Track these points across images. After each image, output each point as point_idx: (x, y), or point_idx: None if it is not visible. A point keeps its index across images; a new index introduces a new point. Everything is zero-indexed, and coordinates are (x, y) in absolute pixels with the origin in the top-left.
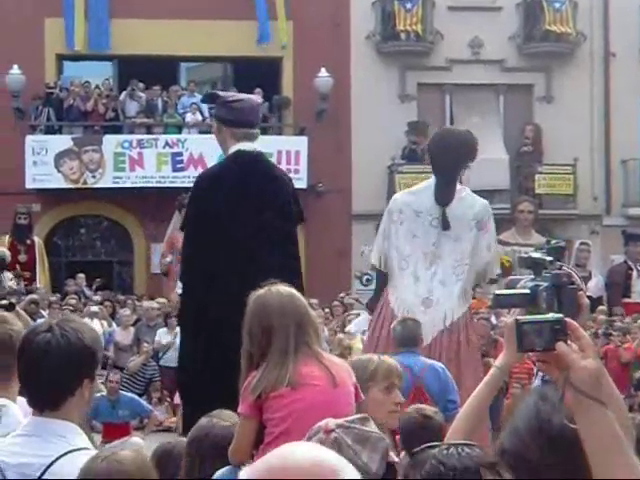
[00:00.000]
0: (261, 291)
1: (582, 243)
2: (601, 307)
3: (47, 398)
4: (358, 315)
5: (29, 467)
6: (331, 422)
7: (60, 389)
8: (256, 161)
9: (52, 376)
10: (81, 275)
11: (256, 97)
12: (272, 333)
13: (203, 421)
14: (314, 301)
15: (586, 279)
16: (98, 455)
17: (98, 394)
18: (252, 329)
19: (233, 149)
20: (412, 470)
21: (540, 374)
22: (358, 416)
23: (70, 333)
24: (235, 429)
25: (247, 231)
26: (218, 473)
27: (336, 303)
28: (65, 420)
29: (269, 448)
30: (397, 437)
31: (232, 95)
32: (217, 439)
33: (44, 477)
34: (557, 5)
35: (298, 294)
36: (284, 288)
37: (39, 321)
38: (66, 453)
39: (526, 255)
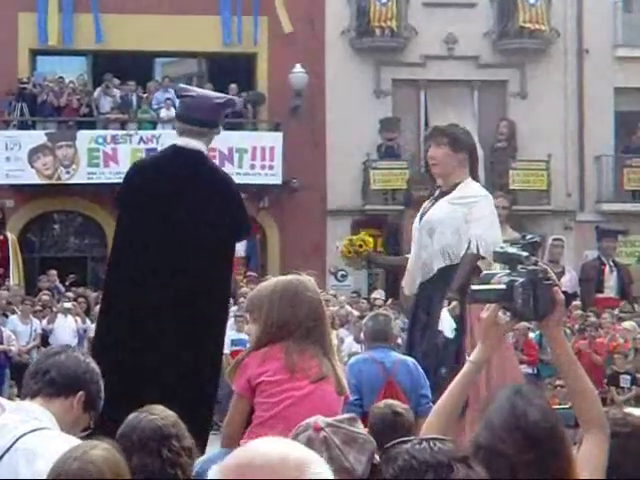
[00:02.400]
0: (292, 278)
1: (555, 239)
2: (575, 303)
3: (43, 385)
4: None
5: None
6: (320, 420)
7: (57, 384)
8: (194, 158)
9: (59, 368)
10: (53, 271)
11: (216, 96)
12: (295, 320)
13: (132, 417)
14: None
15: (559, 275)
16: (70, 454)
17: None
18: (289, 312)
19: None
20: (384, 465)
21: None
22: (347, 416)
23: (87, 357)
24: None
25: (192, 224)
26: (210, 454)
27: None
28: (47, 410)
29: (256, 431)
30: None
31: (187, 89)
32: (143, 433)
33: (15, 445)
34: (531, 2)
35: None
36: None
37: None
38: (35, 430)
39: (502, 250)
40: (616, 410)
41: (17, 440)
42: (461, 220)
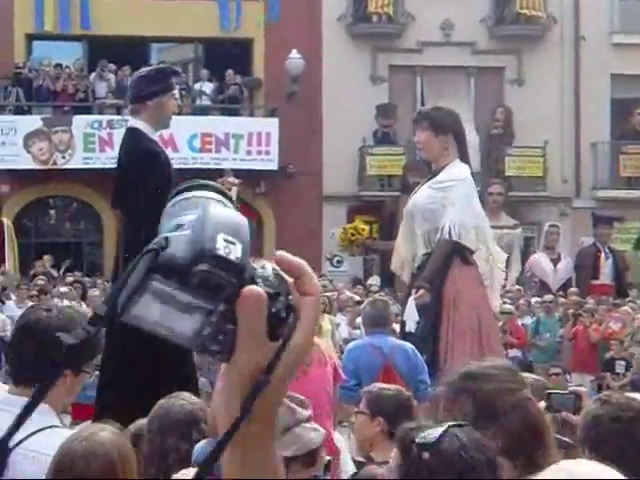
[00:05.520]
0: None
1: (551, 225)
2: (572, 289)
3: (23, 374)
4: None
5: None
6: None
7: (34, 370)
8: (124, 136)
9: (30, 354)
10: (47, 257)
11: (145, 70)
12: None
13: (163, 401)
14: None
15: (555, 261)
16: (77, 435)
17: None
18: None
19: None
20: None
21: None
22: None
23: (64, 318)
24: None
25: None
26: (200, 444)
27: None
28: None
29: None
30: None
31: None
32: (177, 417)
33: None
34: None
35: None
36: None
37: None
38: (38, 430)
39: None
40: (619, 395)
41: (17, 445)
42: (439, 205)
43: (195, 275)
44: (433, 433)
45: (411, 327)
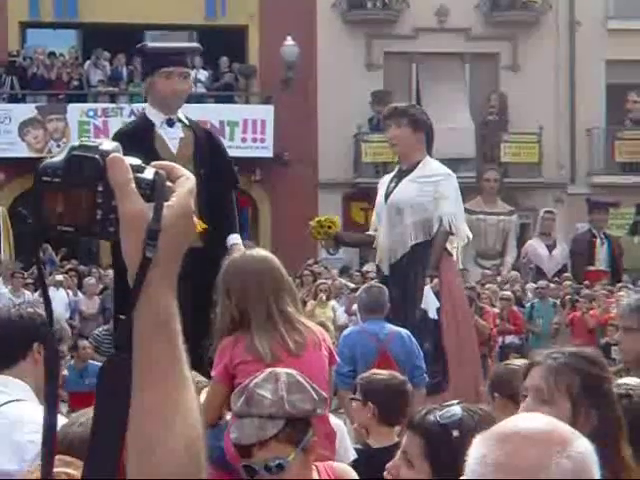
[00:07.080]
0: (247, 254)
1: (547, 211)
2: (566, 274)
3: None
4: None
5: None
6: None
7: (8, 352)
8: None
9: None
10: (46, 245)
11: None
12: (256, 299)
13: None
14: None
15: (551, 247)
16: (75, 420)
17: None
18: (249, 292)
19: None
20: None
21: None
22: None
23: (11, 312)
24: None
25: None
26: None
27: (306, 272)
28: (16, 378)
29: None
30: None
31: None
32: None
33: None
34: None
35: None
36: (261, 252)
37: None
38: (9, 402)
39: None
40: None
41: None
42: (429, 198)
43: (68, 160)
44: (452, 411)
45: (433, 314)
